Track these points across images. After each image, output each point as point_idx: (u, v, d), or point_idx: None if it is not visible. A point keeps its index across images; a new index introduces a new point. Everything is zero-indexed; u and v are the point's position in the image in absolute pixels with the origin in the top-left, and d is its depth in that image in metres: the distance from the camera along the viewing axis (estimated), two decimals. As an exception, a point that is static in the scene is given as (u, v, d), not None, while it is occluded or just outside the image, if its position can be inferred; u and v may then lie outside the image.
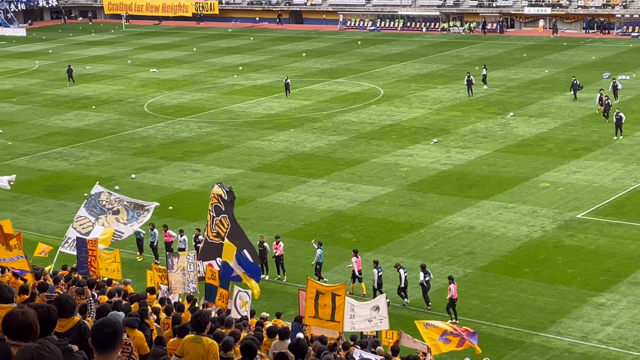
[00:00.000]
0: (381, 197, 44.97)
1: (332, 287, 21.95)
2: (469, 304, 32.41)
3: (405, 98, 68.09)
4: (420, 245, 38.31)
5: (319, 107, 66.59)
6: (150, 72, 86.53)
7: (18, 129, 65.06)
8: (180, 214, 44.00)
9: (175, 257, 26.89)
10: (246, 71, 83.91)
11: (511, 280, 34.39)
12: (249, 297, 26.05)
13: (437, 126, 58.59)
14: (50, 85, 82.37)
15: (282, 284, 35.34)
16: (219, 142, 57.92)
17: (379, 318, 22.68)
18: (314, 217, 42.61)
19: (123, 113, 68.46)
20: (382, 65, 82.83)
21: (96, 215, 30.23)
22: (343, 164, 51.02)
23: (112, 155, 56.15)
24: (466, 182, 46.57)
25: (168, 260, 26.96)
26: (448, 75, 76.11)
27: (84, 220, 30.18)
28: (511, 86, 70.26)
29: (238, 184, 48.05)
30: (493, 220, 40.73)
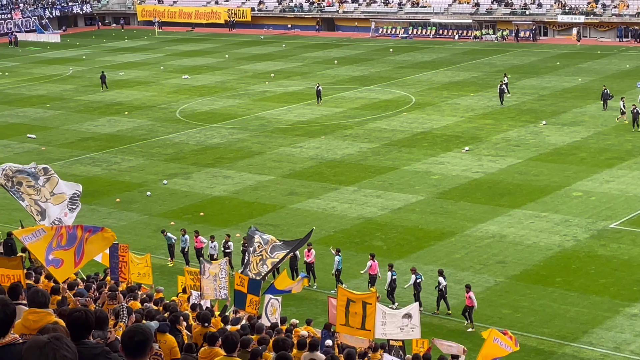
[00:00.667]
0: (412, 204, 44.84)
1: (363, 295, 21.94)
2: (500, 313, 32.22)
3: (437, 106, 67.89)
4: (451, 253, 38.14)
5: (350, 114, 66.56)
6: (182, 78, 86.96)
7: (51, 134, 65.62)
8: (211, 220, 44.13)
9: (207, 264, 27.02)
10: (278, 78, 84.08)
11: (543, 289, 34.14)
12: (279, 304, 26.11)
13: (468, 134, 58.36)
14: (83, 91, 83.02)
15: (312, 291, 35.32)
16: (250, 148, 58.07)
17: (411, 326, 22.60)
18: (345, 224, 42.56)
19: (155, 119, 68.83)
20: (414, 73, 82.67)
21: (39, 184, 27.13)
22: (374, 172, 50.95)
23: (144, 160, 56.46)
24: (498, 190, 46.33)
25: (200, 266, 27.08)
26: (480, 83, 75.81)
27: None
28: (544, 94, 69.85)
29: (269, 191, 48.17)
30: (525, 229, 40.47)
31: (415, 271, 33.03)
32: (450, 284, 34.42)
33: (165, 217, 45.02)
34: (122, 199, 48.57)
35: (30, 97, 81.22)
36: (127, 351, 7.54)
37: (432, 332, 29.73)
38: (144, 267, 29.63)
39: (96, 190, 49.87)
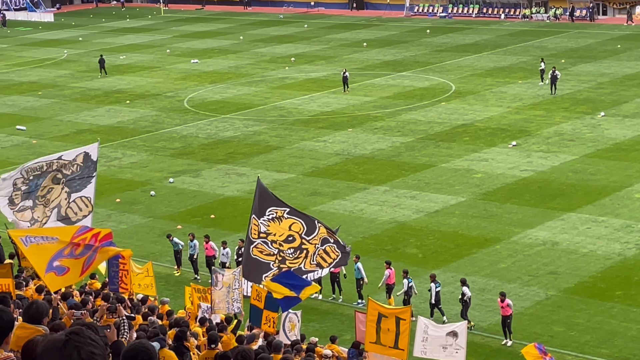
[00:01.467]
0: (451, 207, 44.75)
1: (397, 310, 21.90)
2: (551, 331, 32.10)
3: (480, 94, 67.69)
4: (496, 263, 38.04)
5: (381, 104, 66.49)
6: (191, 63, 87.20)
7: (44, 125, 65.99)
8: (223, 224, 44.23)
9: (220, 274, 27.00)
10: (299, 63, 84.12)
11: (600, 304, 33.97)
12: (298, 320, 26.09)
13: (516, 127, 58.15)
14: (79, 77, 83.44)
15: (337, 305, 35.34)
16: (267, 142, 58.15)
17: (455, 347, 22.49)
18: (375, 229, 42.54)
19: (160, 109, 69.06)
20: (454, 57, 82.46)
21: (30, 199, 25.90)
22: (408, 169, 50.88)
23: (147, 156, 56.67)
24: (549, 191, 46.16)
25: (212, 276, 27.10)
26: (529, 69, 75.49)
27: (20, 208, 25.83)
28: (602, 82, 69.47)
29: (288, 190, 48.20)
30: (580, 236, 40.29)
31: (434, 279, 33.36)
32: (494, 297, 34.31)
33: (171, 220, 45.17)
34: (122, 200, 48.78)
35: (20, 84, 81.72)
36: None
37: (474, 352, 29.66)
38: (145, 277, 29.71)
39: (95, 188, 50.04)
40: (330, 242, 25.87)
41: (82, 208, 25.94)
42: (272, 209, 26.23)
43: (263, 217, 26.31)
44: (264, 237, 26.10)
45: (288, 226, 25.95)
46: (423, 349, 22.66)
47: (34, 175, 25.50)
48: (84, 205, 25.95)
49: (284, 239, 26.04)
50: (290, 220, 25.95)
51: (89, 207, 25.96)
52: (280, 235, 26.00)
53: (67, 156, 26.23)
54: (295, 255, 25.74)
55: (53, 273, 15.88)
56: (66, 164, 26.03)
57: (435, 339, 22.47)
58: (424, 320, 22.94)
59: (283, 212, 26.01)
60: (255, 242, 26.27)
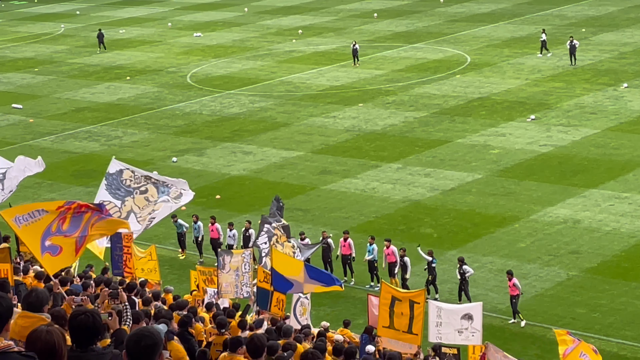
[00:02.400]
0: (468, 184, 44.71)
1: (410, 294, 21.87)
2: (573, 313, 32.10)
3: (497, 66, 67.50)
4: (515, 242, 38.02)
5: (393, 78, 66.37)
6: (194, 36, 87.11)
7: (41, 103, 66.04)
8: (229, 204, 44.27)
9: (228, 256, 26.96)
10: (306, 35, 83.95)
11: (625, 285, 33.95)
12: (309, 303, 26.11)
13: (535, 100, 58.01)
14: (77, 52, 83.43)
15: (349, 288, 35.36)
16: (274, 119, 58.11)
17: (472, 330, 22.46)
18: (387, 209, 42.53)
19: (162, 85, 69.04)
20: (469, 27, 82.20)
21: (122, 198, 27.99)
22: (422, 145, 50.82)
23: (149, 134, 56.69)
24: (570, 167, 46.07)
25: (219, 259, 27.07)
26: (548, 39, 75.12)
27: (108, 205, 28.23)
28: (625, 52, 69.20)
29: (297, 169, 48.21)
30: (603, 213, 40.24)
31: (432, 254, 33.89)
32: (513, 279, 34.37)
33: (175, 201, 45.17)
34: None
35: (15, 60, 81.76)
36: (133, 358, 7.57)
37: (493, 335, 29.66)
38: (148, 261, 29.73)
39: (94, 170, 50.13)
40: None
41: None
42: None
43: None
44: None
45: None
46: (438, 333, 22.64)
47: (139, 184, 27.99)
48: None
49: None
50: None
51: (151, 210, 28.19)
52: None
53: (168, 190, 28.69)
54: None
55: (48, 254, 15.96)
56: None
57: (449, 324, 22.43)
58: (435, 304, 22.91)
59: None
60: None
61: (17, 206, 17.96)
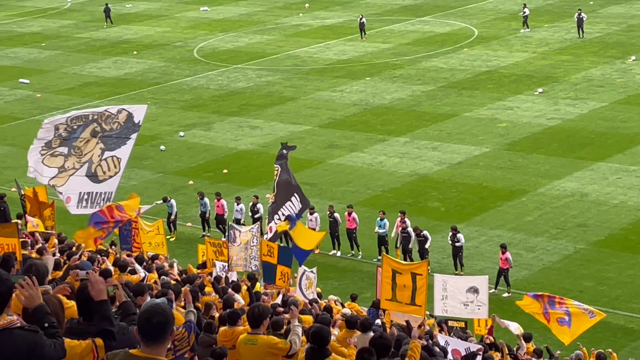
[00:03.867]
0: (475, 158, 44.66)
1: (412, 266, 21.86)
2: (580, 286, 32.12)
3: (505, 39, 67.28)
4: (522, 215, 38.01)
5: (400, 51, 66.20)
6: (200, 10, 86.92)
7: (48, 78, 66.03)
8: (236, 179, 44.28)
9: (237, 230, 27.07)
10: (313, 9, 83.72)
11: (632, 258, 33.95)
12: (314, 277, 26.18)
13: (542, 73, 57.84)
14: (84, 27, 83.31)
15: (357, 262, 35.42)
16: (281, 93, 58.05)
17: (477, 303, 22.49)
18: (395, 183, 42.52)
19: (169, 59, 68.96)
20: (477, 1, 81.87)
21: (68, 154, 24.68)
22: (429, 119, 50.75)
23: (156, 109, 56.66)
24: (578, 140, 45.98)
25: (230, 232, 27.15)
26: (556, 11, 74.92)
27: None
28: (633, 24, 68.88)
29: (304, 143, 48.15)
30: (610, 186, 40.18)
31: (455, 230, 34.06)
32: (521, 252, 34.41)
33: (182, 175, 45.25)
34: (132, 155, 48.79)
35: (22, 35, 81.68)
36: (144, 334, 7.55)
37: (500, 309, 29.72)
38: (156, 235, 29.81)
39: (101, 145, 50.18)
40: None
41: (110, 168, 25.52)
42: None
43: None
44: None
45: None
46: (444, 307, 22.68)
47: (77, 125, 25.14)
48: (112, 166, 25.52)
49: None
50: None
51: (116, 169, 25.45)
52: None
53: (112, 109, 25.82)
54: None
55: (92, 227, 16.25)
56: (108, 117, 25.58)
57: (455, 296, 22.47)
58: (441, 278, 22.93)
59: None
60: None
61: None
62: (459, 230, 34.00)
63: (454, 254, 33.65)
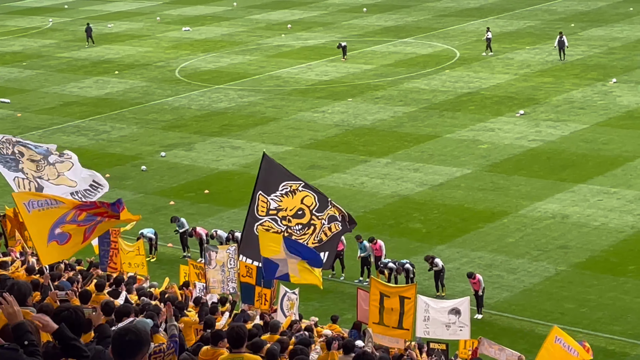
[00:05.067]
0: (456, 179, 44.72)
1: (400, 289, 21.89)
2: (561, 308, 32.14)
3: (486, 61, 67.52)
4: (503, 237, 38.04)
5: (382, 73, 66.33)
6: (182, 30, 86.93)
7: (29, 98, 65.84)
8: (217, 199, 44.20)
9: (213, 251, 27.01)
10: (295, 29, 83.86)
11: (613, 280, 34.00)
12: (297, 298, 26.11)
13: (524, 95, 58.04)
14: (66, 46, 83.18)
15: (338, 283, 35.36)
16: (263, 113, 58.04)
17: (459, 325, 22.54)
18: (376, 204, 42.52)
19: (151, 79, 68.90)
20: (459, 22, 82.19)
21: (17, 169, 24.76)
22: (411, 140, 50.81)
23: (138, 129, 56.58)
24: (559, 162, 46.11)
25: (205, 254, 27.14)
26: (537, 34, 75.27)
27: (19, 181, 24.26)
28: (614, 47, 69.27)
29: (286, 164, 47.95)
30: (591, 208, 40.29)
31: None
32: (502, 274, 34.47)
33: (163, 196, 45.14)
34: (112, 175, 48.70)
35: (3, 54, 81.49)
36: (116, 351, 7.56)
37: (482, 330, 29.70)
38: (136, 255, 29.74)
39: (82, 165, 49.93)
40: (337, 219, 25.12)
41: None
42: (285, 184, 25.11)
43: (275, 193, 24.99)
44: (273, 213, 24.68)
45: (300, 199, 24.65)
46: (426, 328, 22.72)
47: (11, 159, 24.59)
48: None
49: (293, 214, 24.82)
50: (304, 193, 24.63)
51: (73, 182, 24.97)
52: (291, 209, 24.72)
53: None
54: (302, 231, 24.63)
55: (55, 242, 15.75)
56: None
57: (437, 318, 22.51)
58: (423, 299, 22.95)
59: (298, 186, 24.94)
60: (262, 220, 25.08)
61: (31, 192, 17.50)
62: (435, 255, 34.14)
63: (435, 277, 33.68)
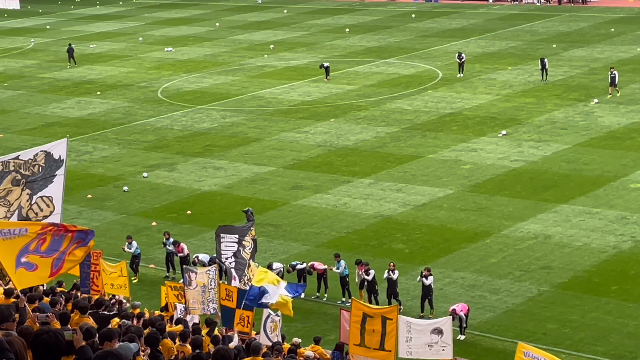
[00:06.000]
0: (439, 200, 44.78)
1: (383, 310, 21.84)
2: (544, 329, 32.16)
3: (469, 82, 67.74)
4: (486, 257, 38.08)
5: (364, 93, 66.45)
6: (165, 51, 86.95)
7: (10, 118, 65.67)
8: (200, 220, 44.12)
9: (193, 272, 26.94)
10: (278, 50, 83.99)
11: (595, 300, 34.05)
12: (279, 319, 26.05)
13: (506, 115, 58.23)
14: (47, 67, 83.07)
15: (321, 304, 35.31)
16: (246, 134, 58.04)
17: (442, 344, 22.52)
18: (359, 224, 42.52)
19: (133, 100, 68.83)
20: (441, 43, 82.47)
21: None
22: (393, 161, 50.88)
23: (120, 149, 56.48)
24: (541, 182, 46.23)
25: (185, 275, 27.04)
26: (519, 54, 75.62)
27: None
28: (595, 67, 69.64)
29: (268, 184, 48.13)
30: (574, 228, 40.38)
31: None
32: (484, 294, 34.47)
33: (145, 217, 45.02)
34: (94, 195, 48.61)
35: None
36: None
37: (464, 351, 29.70)
38: (118, 277, 29.66)
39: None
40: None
41: (43, 208, 24.64)
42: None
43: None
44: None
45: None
46: (408, 349, 22.66)
47: None
48: (45, 205, 24.66)
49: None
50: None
51: (50, 207, 24.67)
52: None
53: (25, 155, 24.93)
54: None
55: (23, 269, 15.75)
56: (24, 163, 24.83)
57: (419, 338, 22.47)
58: (405, 319, 22.91)
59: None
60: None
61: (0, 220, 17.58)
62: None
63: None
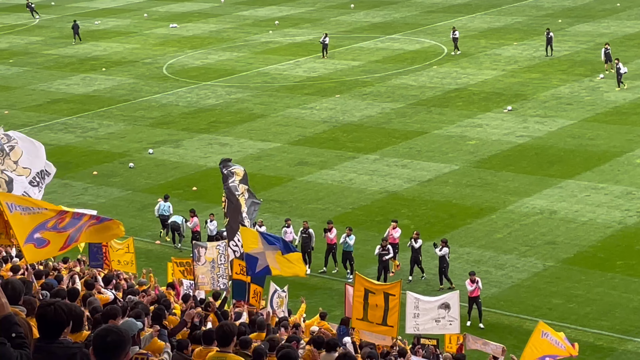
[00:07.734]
0: (444, 175, 44.78)
1: (385, 286, 21.89)
2: (549, 304, 32.22)
3: (474, 57, 67.59)
4: (491, 233, 38.12)
5: (370, 69, 66.34)
6: (170, 27, 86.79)
7: (15, 95, 65.67)
8: (205, 196, 44.16)
9: (202, 247, 26.92)
10: (283, 26, 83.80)
11: (601, 275, 34.09)
12: (286, 295, 26.12)
13: (511, 91, 58.13)
14: (52, 43, 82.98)
15: (327, 279, 35.37)
16: (251, 110, 58.01)
17: (449, 319, 22.60)
18: (364, 200, 42.54)
19: (138, 76, 68.78)
20: (446, 18, 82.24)
21: None
22: (399, 137, 50.85)
23: (125, 126, 56.48)
24: (547, 157, 46.20)
25: (194, 251, 27.03)
26: (525, 29, 75.38)
27: None
28: (601, 42, 69.37)
29: (274, 160, 48.14)
30: (579, 204, 40.38)
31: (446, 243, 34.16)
32: (490, 269, 34.53)
33: (151, 193, 45.06)
34: (100, 172, 48.66)
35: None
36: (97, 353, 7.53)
37: (470, 327, 29.78)
38: (125, 253, 29.70)
39: (69, 162, 49.95)
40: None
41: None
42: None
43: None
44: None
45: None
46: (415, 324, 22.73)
47: None
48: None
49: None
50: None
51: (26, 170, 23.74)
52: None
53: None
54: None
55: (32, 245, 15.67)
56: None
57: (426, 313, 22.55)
58: (413, 295, 22.96)
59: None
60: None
61: (16, 195, 17.39)
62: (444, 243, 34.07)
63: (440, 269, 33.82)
